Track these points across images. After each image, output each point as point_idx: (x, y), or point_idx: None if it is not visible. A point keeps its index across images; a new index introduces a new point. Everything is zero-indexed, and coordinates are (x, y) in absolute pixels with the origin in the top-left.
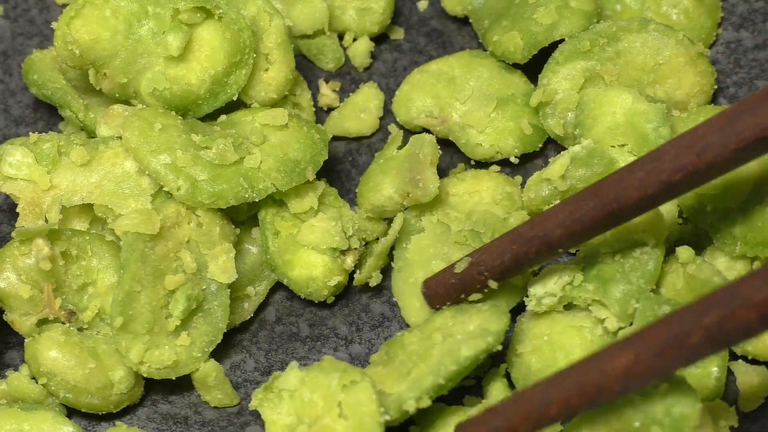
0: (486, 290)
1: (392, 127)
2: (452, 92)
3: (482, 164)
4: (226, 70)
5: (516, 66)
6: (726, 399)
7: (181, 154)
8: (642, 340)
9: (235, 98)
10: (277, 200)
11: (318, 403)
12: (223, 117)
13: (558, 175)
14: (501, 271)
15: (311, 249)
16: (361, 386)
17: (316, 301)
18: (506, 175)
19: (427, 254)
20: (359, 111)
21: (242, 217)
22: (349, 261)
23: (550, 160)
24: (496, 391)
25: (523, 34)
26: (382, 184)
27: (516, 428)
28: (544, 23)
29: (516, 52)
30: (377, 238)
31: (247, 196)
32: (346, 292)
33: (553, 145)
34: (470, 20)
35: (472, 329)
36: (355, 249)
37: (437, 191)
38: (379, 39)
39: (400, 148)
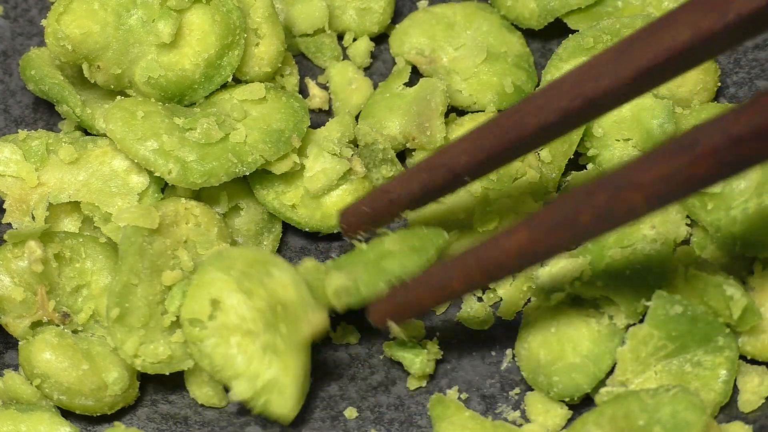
0: (398, 219)
1: (400, 60)
2: (448, 36)
3: (458, 112)
4: (218, 52)
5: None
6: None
7: (167, 138)
8: (537, 219)
9: (230, 79)
10: (264, 187)
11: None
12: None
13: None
14: (410, 199)
15: (329, 192)
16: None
17: None
18: None
19: None
20: (347, 85)
21: (224, 209)
22: (358, 167)
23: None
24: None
25: (538, 1)
26: (387, 121)
27: (422, 301)
28: None
29: (531, 19)
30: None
31: (237, 170)
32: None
33: None
34: None
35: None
36: (352, 155)
37: (443, 141)
38: (379, 39)
39: (407, 84)
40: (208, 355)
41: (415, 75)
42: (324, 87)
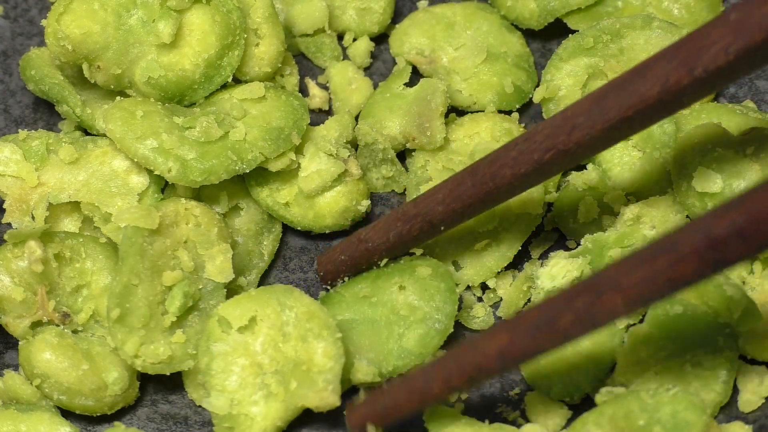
0: (375, 267)
1: (400, 60)
2: (448, 37)
3: (458, 112)
4: (218, 52)
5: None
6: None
7: (166, 137)
8: (517, 322)
9: (230, 79)
10: (259, 184)
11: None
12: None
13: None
14: (387, 248)
15: (322, 193)
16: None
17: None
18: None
19: None
20: (347, 85)
21: (224, 209)
22: (354, 169)
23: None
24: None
25: (537, 1)
26: (387, 121)
27: (402, 407)
28: None
29: (531, 19)
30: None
31: (237, 168)
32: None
33: None
34: None
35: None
36: (349, 156)
37: (443, 141)
38: (379, 39)
39: (407, 84)
40: (212, 356)
41: (415, 75)
42: (324, 87)
